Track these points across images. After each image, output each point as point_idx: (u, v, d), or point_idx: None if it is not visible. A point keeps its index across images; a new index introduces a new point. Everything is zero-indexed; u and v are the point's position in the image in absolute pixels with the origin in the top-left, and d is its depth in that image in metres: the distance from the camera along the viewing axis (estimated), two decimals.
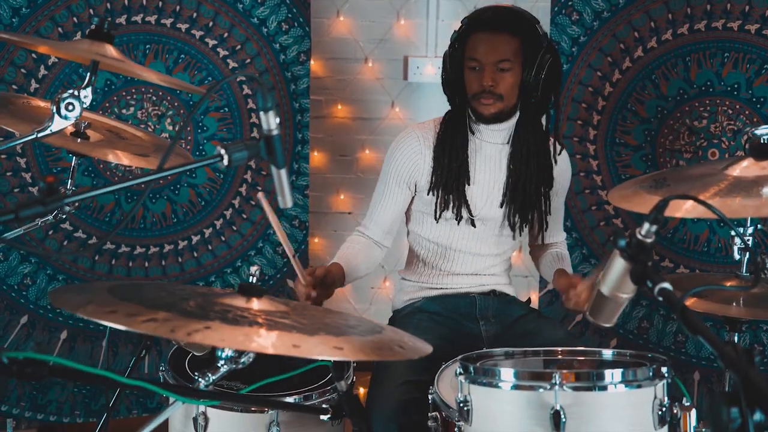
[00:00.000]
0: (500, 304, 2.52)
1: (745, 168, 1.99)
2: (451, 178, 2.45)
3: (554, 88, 2.44)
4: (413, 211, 2.57)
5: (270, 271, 3.43)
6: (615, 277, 1.44)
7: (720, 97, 3.23)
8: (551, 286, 3.31)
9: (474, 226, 2.49)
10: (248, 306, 1.54)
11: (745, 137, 2.04)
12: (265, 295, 1.59)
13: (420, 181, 2.49)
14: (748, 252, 2.20)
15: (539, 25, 2.41)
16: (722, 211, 1.43)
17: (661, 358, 1.83)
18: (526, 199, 2.49)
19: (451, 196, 2.46)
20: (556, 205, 2.60)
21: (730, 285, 2.33)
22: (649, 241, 1.34)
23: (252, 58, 3.39)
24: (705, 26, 3.22)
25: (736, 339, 2.32)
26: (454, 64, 2.43)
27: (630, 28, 3.28)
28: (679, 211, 1.82)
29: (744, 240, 2.20)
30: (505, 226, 2.52)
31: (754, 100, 3.20)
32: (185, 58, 3.32)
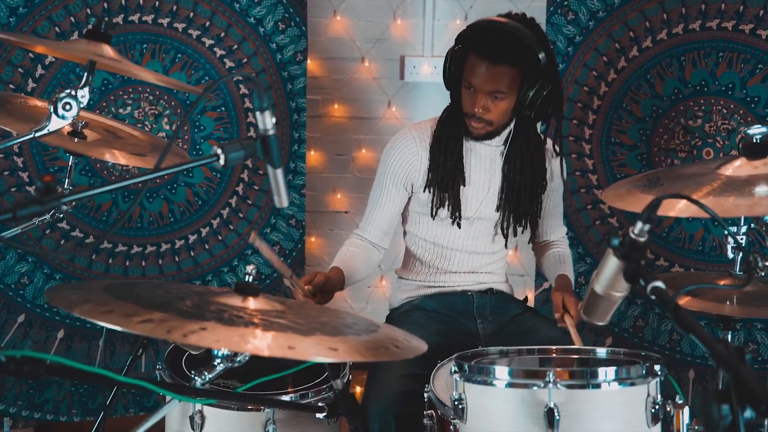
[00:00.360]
0: (497, 302, 2.53)
1: (738, 167, 1.99)
2: (446, 177, 2.46)
3: (555, 111, 2.39)
4: (410, 212, 2.57)
5: (266, 270, 3.44)
6: (608, 275, 1.45)
7: (714, 97, 3.24)
8: (547, 285, 3.32)
9: (471, 226, 2.50)
10: (244, 305, 1.54)
11: (739, 137, 2.04)
12: (261, 294, 1.60)
13: (416, 181, 2.49)
14: (741, 251, 2.21)
15: (543, 53, 2.30)
16: (715, 210, 1.44)
17: (655, 356, 1.84)
18: (520, 205, 2.50)
19: (446, 195, 2.46)
20: (554, 203, 2.61)
21: (723, 284, 2.33)
22: (642, 240, 1.35)
23: (249, 57, 3.39)
24: (699, 26, 3.23)
25: (730, 337, 2.33)
26: (455, 68, 2.39)
27: (625, 28, 3.29)
28: (673, 210, 1.82)
29: (737, 239, 2.21)
30: (499, 226, 2.53)
31: (749, 99, 3.21)
32: (182, 57, 3.32)
